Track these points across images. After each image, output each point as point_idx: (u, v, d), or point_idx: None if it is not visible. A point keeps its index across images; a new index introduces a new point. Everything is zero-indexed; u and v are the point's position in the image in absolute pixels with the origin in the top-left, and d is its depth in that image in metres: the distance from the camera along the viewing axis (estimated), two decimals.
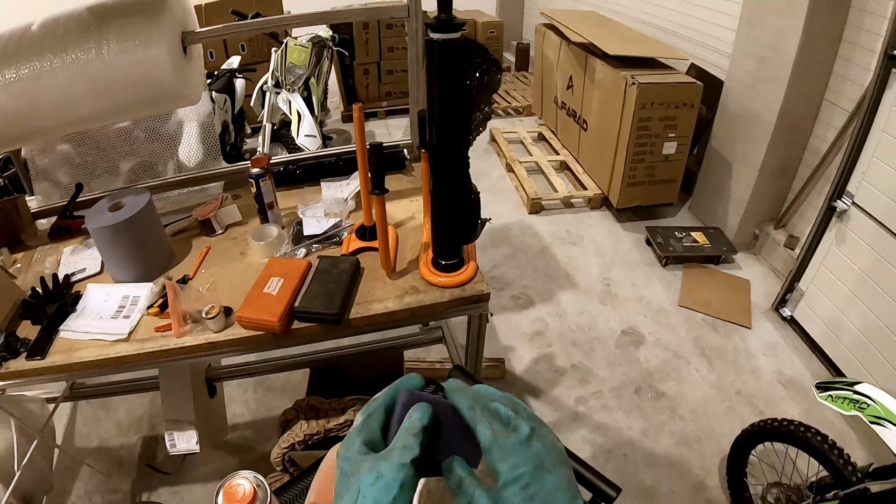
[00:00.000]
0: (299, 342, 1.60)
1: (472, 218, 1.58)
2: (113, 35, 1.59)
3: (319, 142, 3.94)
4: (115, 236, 1.65)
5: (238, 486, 0.92)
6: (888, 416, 1.69)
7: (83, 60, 1.59)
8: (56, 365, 1.50)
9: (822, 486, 1.87)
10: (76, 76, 1.60)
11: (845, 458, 1.78)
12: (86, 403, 2.76)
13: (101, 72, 1.60)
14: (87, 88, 1.63)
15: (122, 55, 1.59)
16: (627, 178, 3.94)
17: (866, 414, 1.74)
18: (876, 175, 2.60)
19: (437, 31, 1.28)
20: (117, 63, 1.60)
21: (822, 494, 1.84)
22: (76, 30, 1.59)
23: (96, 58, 1.59)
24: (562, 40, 4.74)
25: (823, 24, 3.03)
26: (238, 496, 0.90)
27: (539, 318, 3.28)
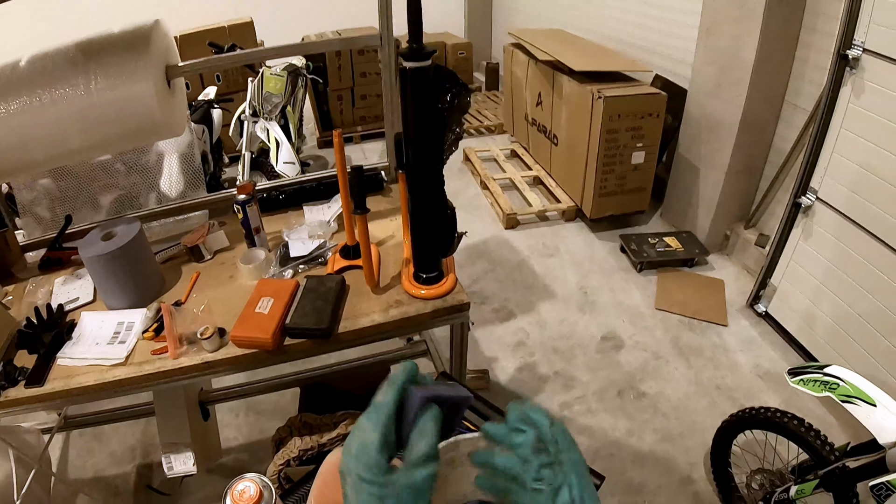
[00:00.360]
0: (292, 357, 1.66)
1: (449, 232, 1.67)
2: (100, 71, 1.64)
3: (298, 168, 3.99)
4: (109, 265, 1.70)
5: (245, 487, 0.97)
6: (858, 394, 1.76)
7: (71, 96, 1.63)
8: (56, 391, 1.53)
9: (803, 468, 1.95)
10: (65, 111, 1.64)
11: (822, 439, 1.85)
12: (78, 435, 2.77)
13: (89, 107, 1.65)
14: (75, 123, 1.67)
15: (110, 90, 1.64)
16: (599, 189, 4.03)
17: (837, 394, 1.80)
18: (837, 169, 2.70)
19: (409, 59, 1.37)
20: (105, 98, 1.65)
21: (803, 476, 1.91)
22: (64, 66, 1.64)
23: (84, 93, 1.63)
24: (529, 59, 4.84)
25: (779, 29, 3.14)
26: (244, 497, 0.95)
27: (520, 328, 3.35)
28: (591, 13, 5.43)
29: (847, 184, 2.66)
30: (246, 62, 2.47)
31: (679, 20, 4.16)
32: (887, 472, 1.59)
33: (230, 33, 5.26)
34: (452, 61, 6.85)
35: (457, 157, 5.52)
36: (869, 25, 2.44)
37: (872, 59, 2.46)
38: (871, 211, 2.54)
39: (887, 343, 2.52)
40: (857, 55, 2.51)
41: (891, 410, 1.70)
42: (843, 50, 2.55)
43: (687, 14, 3.98)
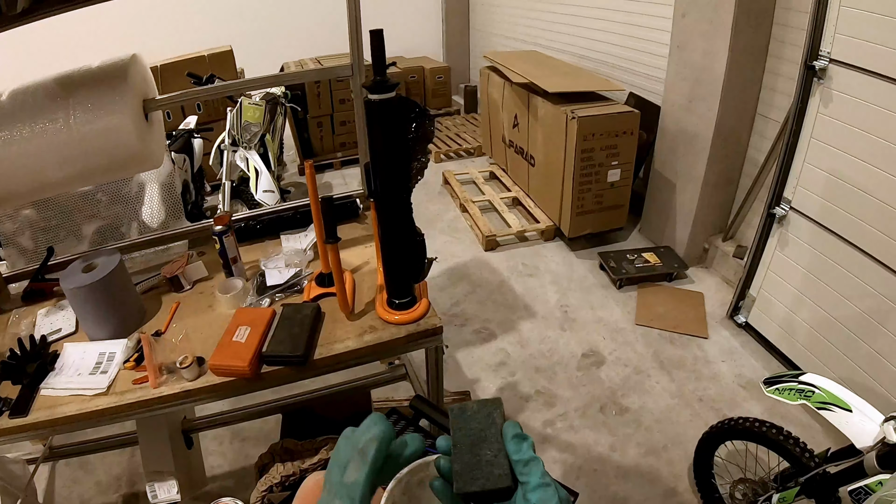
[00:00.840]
0: (269, 385, 1.69)
1: (420, 258, 1.71)
2: (79, 105, 1.68)
3: (278, 196, 4.02)
4: (90, 296, 1.72)
5: None
6: (833, 401, 1.80)
7: (52, 130, 1.67)
8: (40, 421, 1.56)
9: (785, 476, 1.96)
10: (45, 145, 1.68)
11: (801, 446, 1.88)
12: (65, 465, 2.77)
13: (68, 140, 1.68)
14: (56, 156, 1.71)
15: (89, 124, 1.68)
16: (576, 207, 4.09)
17: (812, 401, 1.84)
18: (809, 179, 2.76)
19: (374, 91, 1.42)
20: (84, 131, 1.68)
21: (784, 483, 1.94)
22: (44, 100, 1.68)
23: (64, 127, 1.67)
24: (505, 81, 4.90)
25: (748, 42, 3.22)
26: None
27: (501, 348, 3.38)
28: (565, 34, 5.53)
29: (819, 192, 2.72)
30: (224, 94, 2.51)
31: (650, 37, 4.26)
32: (866, 475, 1.62)
33: (210, 62, 5.31)
34: (431, 85, 6.93)
35: (436, 180, 5.59)
36: (834, 36, 2.51)
37: (839, 69, 2.52)
38: (844, 218, 2.60)
39: (867, 347, 2.56)
40: (823, 65, 2.57)
41: (867, 415, 1.73)
42: (810, 61, 2.60)
43: (658, 31, 4.08)
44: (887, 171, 2.37)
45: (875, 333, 2.52)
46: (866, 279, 2.54)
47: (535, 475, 0.66)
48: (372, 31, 1.38)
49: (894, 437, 1.53)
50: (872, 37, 2.34)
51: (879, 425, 1.65)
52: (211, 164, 4.46)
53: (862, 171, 2.48)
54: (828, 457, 1.84)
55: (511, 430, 0.71)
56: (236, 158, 4.14)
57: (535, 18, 6.08)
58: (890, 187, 2.37)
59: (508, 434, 0.71)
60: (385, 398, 2.94)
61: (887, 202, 2.39)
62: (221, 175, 4.17)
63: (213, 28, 6.44)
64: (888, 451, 1.55)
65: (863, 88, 2.43)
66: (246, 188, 4.14)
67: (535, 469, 0.67)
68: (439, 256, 1.76)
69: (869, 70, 2.39)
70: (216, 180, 4.44)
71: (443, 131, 6.70)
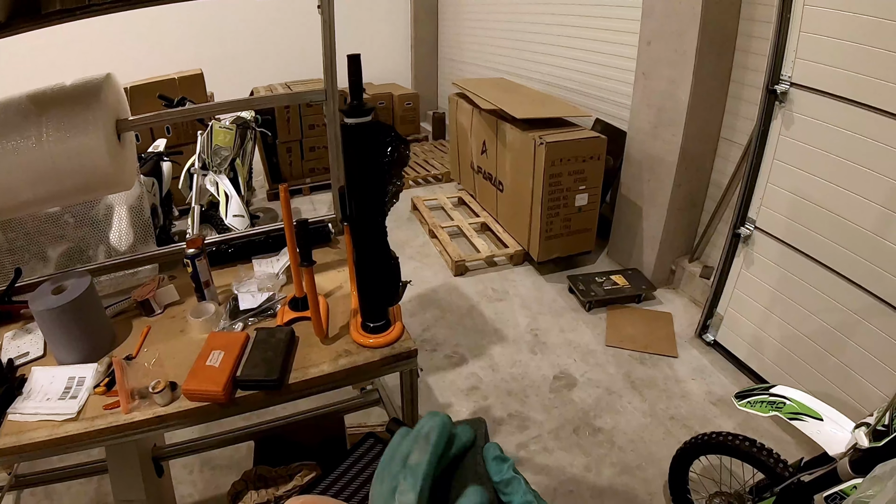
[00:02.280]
0: (244, 409, 1.67)
1: (394, 281, 1.72)
2: (51, 123, 1.66)
3: (247, 221, 4.01)
4: (60, 318, 1.69)
5: None
6: (804, 410, 1.84)
7: (23, 147, 1.65)
8: (7, 447, 1.51)
9: (760, 487, 1.99)
10: (16, 163, 1.66)
11: (775, 457, 1.91)
12: (30, 494, 2.70)
13: (40, 158, 1.66)
14: (26, 175, 1.69)
15: (61, 143, 1.67)
16: (545, 232, 4.13)
17: (784, 412, 1.89)
18: (773, 199, 2.84)
19: (350, 115, 1.44)
20: (56, 150, 1.67)
21: (760, 495, 1.96)
22: (16, 117, 1.66)
23: (35, 145, 1.65)
24: (473, 108, 4.95)
25: (711, 69, 3.32)
26: None
27: (472, 373, 3.39)
28: (533, 61, 5.63)
29: (783, 212, 2.79)
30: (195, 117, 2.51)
31: (617, 64, 4.37)
32: (840, 481, 1.64)
33: (180, 85, 5.30)
34: (399, 111, 6.98)
35: (405, 206, 5.61)
36: (795, 60, 2.60)
37: (799, 92, 2.61)
38: (808, 235, 2.68)
39: (834, 359, 2.63)
40: (784, 89, 2.66)
41: (837, 423, 1.78)
42: (772, 85, 2.69)
43: (624, 59, 4.19)
44: (848, 189, 2.46)
45: (842, 346, 2.59)
46: (832, 294, 2.61)
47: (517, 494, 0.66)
48: (350, 55, 1.40)
49: (866, 442, 1.56)
50: (831, 60, 2.44)
51: (851, 432, 1.69)
52: (180, 188, 4.44)
53: (824, 189, 2.56)
54: (801, 466, 1.87)
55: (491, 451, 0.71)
56: (206, 182, 4.12)
57: (504, 47, 6.18)
58: (851, 205, 2.45)
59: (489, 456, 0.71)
60: (358, 424, 2.92)
61: (849, 219, 2.47)
62: (190, 199, 4.15)
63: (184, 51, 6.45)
64: (860, 456, 1.58)
65: (822, 110, 2.52)
66: (215, 213, 4.12)
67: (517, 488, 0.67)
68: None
69: (828, 92, 2.48)
70: (184, 205, 4.42)
71: (412, 157, 6.70)
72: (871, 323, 2.46)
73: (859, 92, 2.35)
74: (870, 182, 2.37)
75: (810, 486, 1.77)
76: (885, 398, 2.37)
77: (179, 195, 4.66)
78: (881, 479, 1.03)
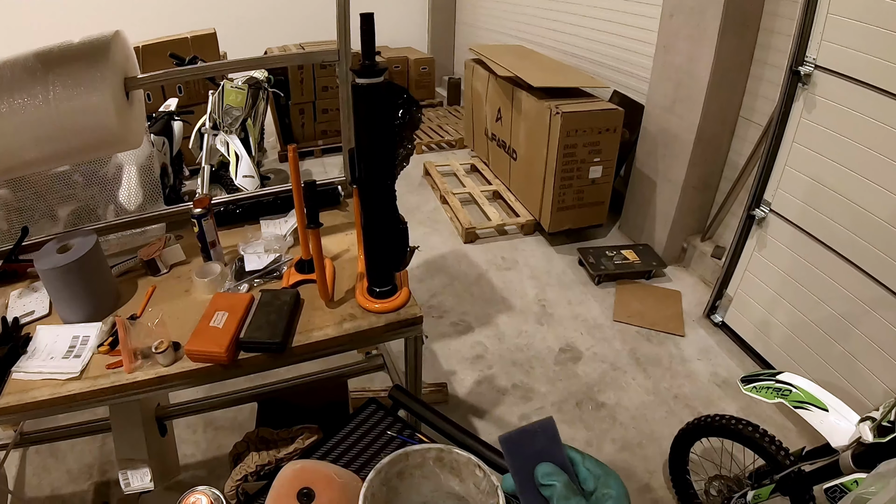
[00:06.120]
0: (246, 372, 1.66)
1: (402, 246, 1.69)
2: (59, 81, 1.63)
3: (257, 182, 3.99)
4: (65, 277, 1.68)
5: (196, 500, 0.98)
6: (809, 400, 1.81)
7: (30, 106, 1.62)
8: (10, 406, 1.51)
9: (760, 473, 1.98)
10: (23, 121, 1.63)
11: (777, 444, 1.89)
12: (35, 452, 2.73)
13: (47, 117, 1.63)
14: (33, 133, 1.66)
15: (68, 101, 1.64)
16: (557, 203, 4.09)
17: (790, 400, 1.86)
18: (790, 182, 2.79)
19: (362, 76, 1.40)
20: (63, 108, 1.64)
21: (759, 481, 1.95)
22: (22, 75, 1.63)
23: (42, 103, 1.62)
24: (490, 74, 4.88)
25: (733, 47, 3.23)
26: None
27: (478, 342, 3.38)
28: (551, 29, 5.52)
29: (799, 196, 2.74)
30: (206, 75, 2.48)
31: (637, 37, 4.27)
32: (841, 474, 1.63)
33: (193, 45, 5.24)
34: (414, 76, 6.91)
35: (417, 171, 5.57)
36: (821, 43, 2.52)
37: (823, 76, 2.54)
38: (823, 222, 2.63)
39: (840, 348, 2.60)
40: (808, 71, 2.59)
41: (842, 415, 1.74)
42: (796, 66, 2.62)
43: (644, 31, 4.09)
44: (867, 178, 2.40)
45: (849, 336, 2.56)
46: (842, 282, 2.57)
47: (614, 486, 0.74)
48: (363, 14, 1.36)
49: (870, 436, 1.54)
50: (858, 46, 2.36)
51: (855, 425, 1.66)
52: (191, 148, 4.42)
53: (842, 176, 2.51)
54: (802, 455, 1.86)
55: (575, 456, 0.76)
56: (217, 142, 4.10)
57: (522, 13, 6.08)
58: (868, 193, 2.40)
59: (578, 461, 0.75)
60: (361, 388, 2.92)
61: (865, 207, 2.42)
62: (201, 159, 4.13)
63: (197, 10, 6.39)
64: (863, 451, 1.56)
65: (846, 96, 2.45)
66: (225, 173, 4.10)
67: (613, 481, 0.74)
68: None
69: (853, 78, 2.41)
70: (195, 165, 4.40)
71: (425, 122, 6.69)
72: (880, 314, 2.42)
73: (885, 79, 2.28)
74: (889, 172, 2.31)
75: (811, 476, 1.76)
76: (890, 391, 2.37)
77: (190, 155, 4.64)
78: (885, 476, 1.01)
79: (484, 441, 1.28)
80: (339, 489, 1.14)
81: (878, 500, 0.97)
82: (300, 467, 1.18)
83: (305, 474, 1.16)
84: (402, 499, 1.05)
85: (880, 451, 1.51)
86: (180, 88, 5.24)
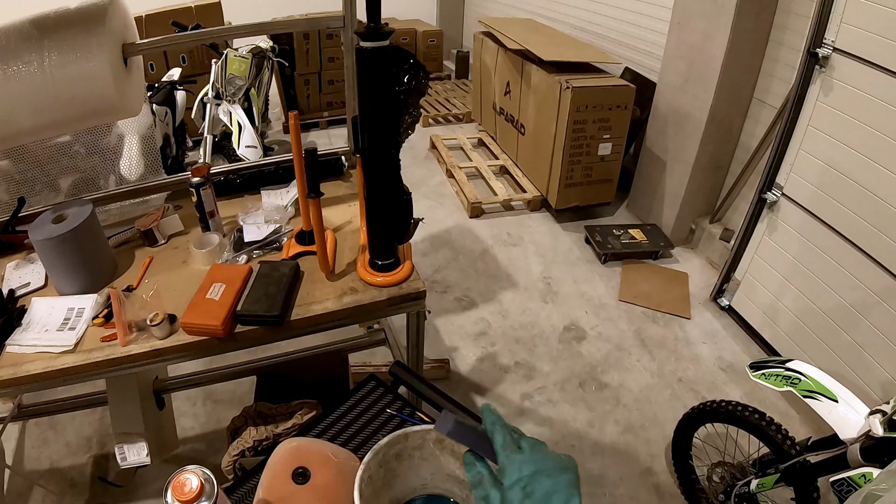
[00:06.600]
0: (243, 346, 1.63)
1: (405, 218, 1.64)
2: (55, 47, 1.59)
3: (260, 152, 3.95)
4: (59, 248, 1.65)
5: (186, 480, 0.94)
6: (819, 389, 1.78)
7: (25, 73, 1.58)
8: (3, 379, 1.49)
9: (764, 461, 1.96)
10: (17, 89, 1.59)
11: (783, 433, 1.86)
12: (34, 425, 2.71)
13: (42, 84, 1.60)
14: (28, 101, 1.63)
15: (63, 67, 1.60)
16: (565, 179, 4.04)
17: (799, 389, 1.82)
18: (803, 166, 2.73)
19: (367, 39, 1.35)
20: (58, 75, 1.60)
21: (763, 469, 1.93)
22: (17, 41, 1.59)
23: (38, 70, 1.59)
24: (499, 47, 4.82)
25: (749, 26, 3.16)
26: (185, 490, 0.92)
27: (482, 318, 3.35)
28: (563, 3, 5.44)
29: (812, 181, 2.68)
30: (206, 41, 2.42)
31: (650, 13, 4.19)
32: (848, 467, 1.60)
33: (197, 14, 5.18)
34: (422, 48, 6.83)
35: (423, 144, 5.52)
36: (840, 25, 2.46)
37: (842, 59, 2.48)
38: (836, 208, 2.57)
39: (848, 338, 2.55)
40: (826, 54, 2.53)
41: (852, 406, 1.71)
42: (814, 48, 2.56)
43: (658, 7, 4.01)
44: (883, 165, 2.35)
45: (858, 326, 2.52)
46: (853, 271, 2.52)
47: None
48: None
49: (880, 430, 1.52)
50: (879, 29, 2.30)
51: (865, 418, 1.64)
52: (193, 118, 4.36)
53: (857, 162, 2.45)
54: (808, 445, 1.84)
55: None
56: (219, 112, 4.05)
57: None
58: (883, 181, 2.35)
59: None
60: (362, 363, 2.90)
61: (880, 196, 2.37)
62: (203, 129, 4.09)
63: None
64: (872, 445, 1.54)
65: (865, 80, 2.39)
66: (228, 143, 4.06)
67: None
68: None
69: (872, 62, 2.35)
70: (197, 135, 4.35)
71: (432, 95, 6.63)
72: (890, 305, 2.37)
73: None
74: None
75: (816, 467, 1.74)
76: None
77: (193, 125, 4.59)
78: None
79: None
80: (335, 469, 1.11)
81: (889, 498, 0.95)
82: (296, 445, 1.15)
83: (301, 453, 1.13)
84: (400, 480, 1.02)
85: (890, 445, 1.50)
86: (184, 58, 5.17)
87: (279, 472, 1.10)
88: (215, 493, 0.95)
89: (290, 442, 1.17)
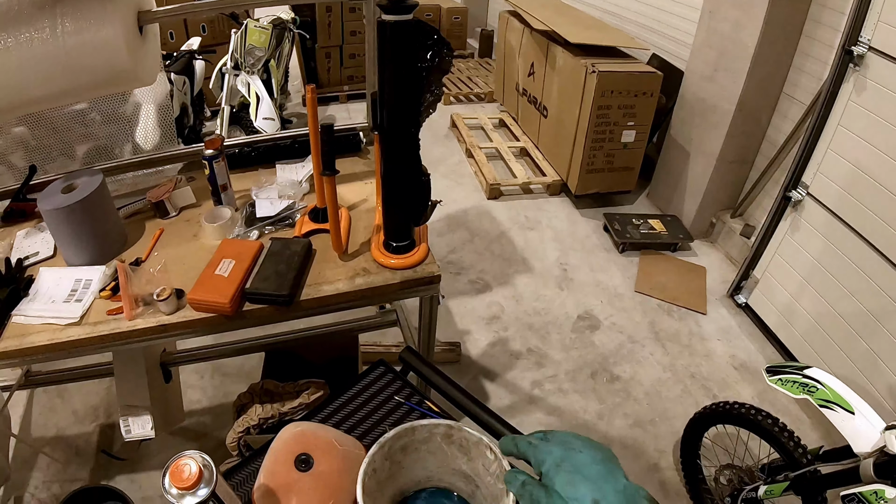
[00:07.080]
0: (250, 324, 1.60)
1: (423, 200, 1.60)
2: (68, 14, 1.55)
3: (278, 125, 3.92)
4: (68, 218, 1.62)
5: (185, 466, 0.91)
6: (837, 400, 1.74)
7: (38, 40, 1.54)
8: (8, 350, 1.47)
9: (774, 467, 1.93)
10: (30, 56, 1.56)
11: (796, 440, 1.82)
12: (42, 392, 2.72)
13: (55, 52, 1.56)
14: (40, 69, 1.59)
15: (77, 35, 1.56)
16: (586, 165, 3.98)
17: (815, 398, 1.78)
18: (831, 167, 2.66)
19: (389, 12, 1.29)
20: (71, 43, 1.56)
21: (772, 476, 1.88)
22: (31, 9, 1.55)
23: (51, 37, 1.55)
24: (524, 27, 4.75)
25: (783, 18, 3.08)
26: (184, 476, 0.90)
27: (495, 302, 3.31)
28: None
29: (840, 182, 2.62)
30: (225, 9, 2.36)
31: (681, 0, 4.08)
32: (860, 481, 1.57)
33: None
34: (447, 25, 6.78)
35: (443, 122, 5.48)
36: (877, 24, 2.40)
37: (877, 58, 2.42)
38: (862, 212, 2.51)
39: (865, 345, 2.50)
40: (862, 52, 2.46)
41: (869, 420, 1.67)
42: (849, 45, 2.50)
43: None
44: None
45: (875, 333, 2.46)
46: (874, 276, 2.47)
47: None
48: None
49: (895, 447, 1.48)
50: None
51: (880, 432, 1.60)
52: (211, 88, 4.33)
53: (886, 166, 2.40)
54: (820, 455, 1.81)
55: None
56: (237, 83, 4.02)
57: None
58: None
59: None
60: (373, 343, 2.87)
61: None
62: (221, 100, 4.05)
63: None
64: (887, 461, 1.51)
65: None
66: (246, 114, 4.03)
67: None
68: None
69: None
70: (216, 106, 4.32)
71: (455, 74, 6.57)
72: None
73: None
74: None
75: (827, 479, 1.71)
76: None
77: (211, 96, 4.56)
78: None
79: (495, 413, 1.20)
80: (340, 457, 1.08)
81: None
82: (300, 430, 1.12)
83: (305, 438, 1.10)
84: (405, 473, 1.00)
85: None
86: (203, 27, 5.12)
87: (282, 457, 1.07)
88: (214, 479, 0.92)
89: (295, 426, 1.14)
